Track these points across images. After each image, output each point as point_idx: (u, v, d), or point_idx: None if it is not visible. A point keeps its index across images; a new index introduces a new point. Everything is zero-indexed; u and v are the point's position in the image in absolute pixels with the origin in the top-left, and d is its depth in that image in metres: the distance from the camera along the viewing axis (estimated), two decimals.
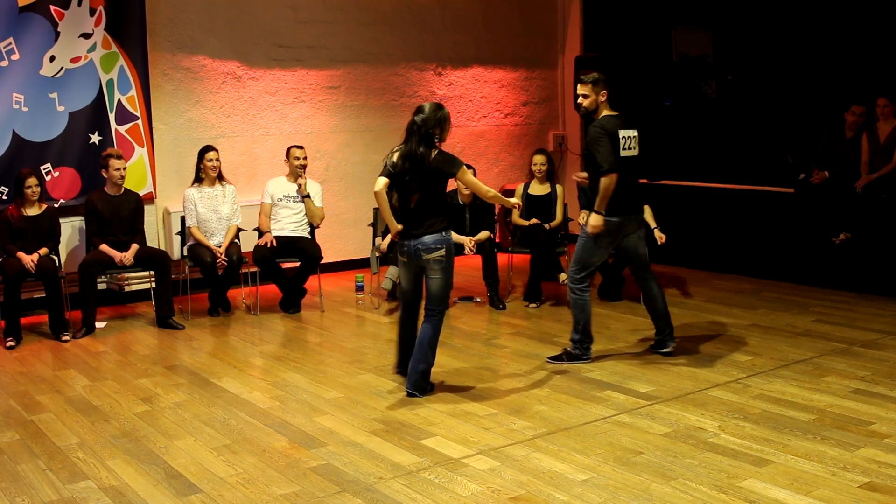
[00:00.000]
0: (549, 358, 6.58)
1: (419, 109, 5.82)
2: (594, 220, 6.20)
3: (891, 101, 8.49)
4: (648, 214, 7.92)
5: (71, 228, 8.44)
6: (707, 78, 10.77)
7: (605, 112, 6.30)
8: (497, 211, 8.98)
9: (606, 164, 6.11)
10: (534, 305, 8.39)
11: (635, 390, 5.91)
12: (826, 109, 9.15)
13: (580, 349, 6.51)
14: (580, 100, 6.36)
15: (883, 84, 8.69)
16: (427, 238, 5.74)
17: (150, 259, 7.99)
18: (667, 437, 5.07)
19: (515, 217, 8.63)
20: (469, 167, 6.18)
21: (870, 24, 8.91)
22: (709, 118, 10.45)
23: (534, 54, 11.75)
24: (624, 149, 6.21)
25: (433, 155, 5.76)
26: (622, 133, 6.21)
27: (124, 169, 7.97)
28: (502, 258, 8.79)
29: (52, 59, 8.28)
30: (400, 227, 5.79)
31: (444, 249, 5.75)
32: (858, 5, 9.00)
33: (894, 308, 7.89)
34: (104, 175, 7.96)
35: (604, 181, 6.11)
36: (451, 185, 8.24)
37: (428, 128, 5.76)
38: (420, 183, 5.73)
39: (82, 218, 8.13)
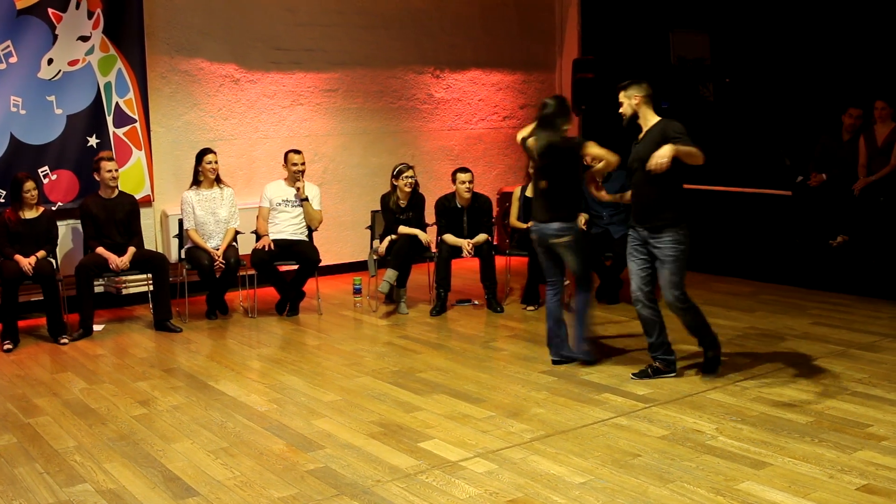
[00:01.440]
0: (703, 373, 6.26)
1: (544, 105, 6.38)
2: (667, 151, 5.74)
3: (888, 103, 8.52)
4: None
5: (68, 231, 8.43)
6: (705, 81, 10.78)
7: (652, 116, 6.04)
8: (494, 214, 8.99)
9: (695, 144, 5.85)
10: (531, 308, 8.39)
11: (633, 393, 5.91)
12: (823, 112, 9.17)
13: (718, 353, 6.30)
14: (620, 109, 6.11)
15: (880, 87, 8.71)
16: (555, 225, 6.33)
17: (148, 262, 7.98)
18: (664, 440, 5.07)
19: (513, 220, 8.63)
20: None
21: (867, 27, 8.93)
22: (707, 121, 10.45)
23: (531, 57, 11.76)
24: None
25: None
26: None
27: (116, 171, 7.95)
28: (500, 261, 8.79)
29: (50, 61, 8.28)
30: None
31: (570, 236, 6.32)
32: (855, 9, 9.01)
33: (892, 310, 7.90)
34: (97, 178, 7.96)
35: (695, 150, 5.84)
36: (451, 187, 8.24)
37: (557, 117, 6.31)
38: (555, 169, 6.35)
39: (79, 220, 8.13)
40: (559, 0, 11.86)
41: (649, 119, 6.05)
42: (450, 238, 8.36)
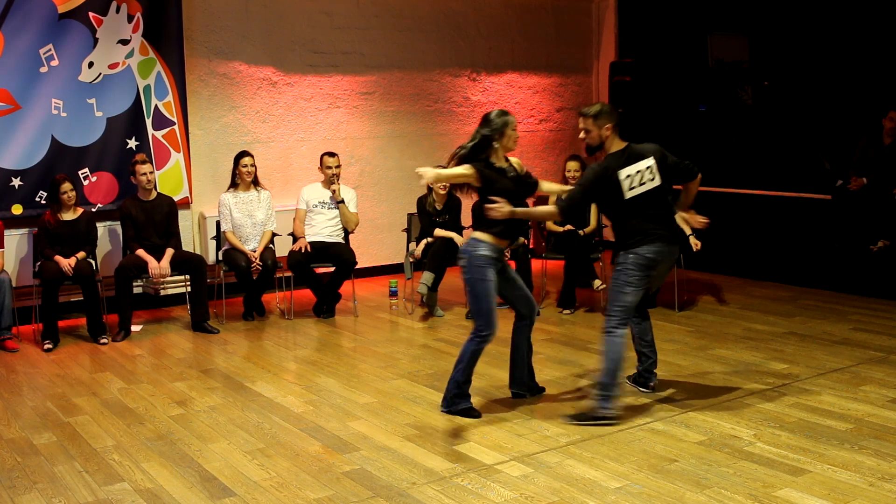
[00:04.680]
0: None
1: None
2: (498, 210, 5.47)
3: None
4: (682, 221, 7.66)
5: (107, 232, 8.51)
6: (743, 84, 10.70)
7: (615, 146, 5.61)
8: None
9: (564, 202, 5.57)
10: (567, 312, 8.36)
11: (670, 398, 5.87)
12: (864, 115, 9.06)
13: None
14: (582, 135, 5.72)
15: None
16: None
17: (186, 263, 8.04)
18: (701, 445, 5.03)
19: (549, 223, 8.61)
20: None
21: None
22: (745, 124, 10.38)
23: (568, 60, 11.73)
24: (630, 188, 5.49)
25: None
26: (625, 172, 5.50)
27: (152, 173, 8.02)
28: (536, 264, 8.77)
29: (91, 65, 8.37)
30: None
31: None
32: None
33: None
34: (133, 181, 8.04)
35: (549, 209, 5.79)
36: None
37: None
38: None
39: (118, 222, 8.21)
40: (596, 3, 11.82)
41: (614, 149, 5.63)
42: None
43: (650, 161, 5.56)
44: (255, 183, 8.45)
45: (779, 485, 4.47)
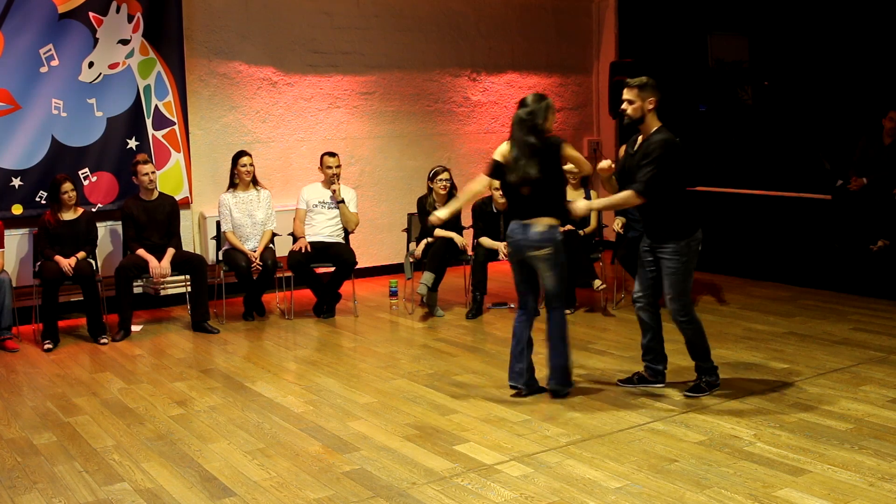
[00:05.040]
0: (686, 392, 5.90)
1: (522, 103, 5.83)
2: (582, 206, 5.84)
3: None
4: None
5: (108, 232, 8.52)
6: (743, 84, 10.71)
7: (655, 124, 5.65)
8: None
9: (643, 185, 5.55)
10: (568, 311, 8.35)
11: (670, 398, 5.87)
12: (864, 115, 9.07)
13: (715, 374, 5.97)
14: (624, 105, 5.70)
15: None
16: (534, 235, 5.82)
17: (186, 263, 8.04)
18: (701, 445, 5.03)
19: None
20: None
21: None
22: (745, 124, 10.38)
23: (568, 60, 11.73)
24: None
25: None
26: None
27: (153, 173, 8.01)
28: None
29: (91, 64, 8.37)
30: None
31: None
32: None
33: None
34: (135, 181, 8.04)
35: (627, 195, 5.63)
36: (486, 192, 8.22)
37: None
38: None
39: (119, 222, 8.21)
40: (596, 3, 11.83)
41: (652, 126, 5.67)
42: (486, 241, 8.35)
43: None
44: (255, 183, 8.45)
45: (779, 485, 4.48)
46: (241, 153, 8.41)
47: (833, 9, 9.43)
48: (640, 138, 5.75)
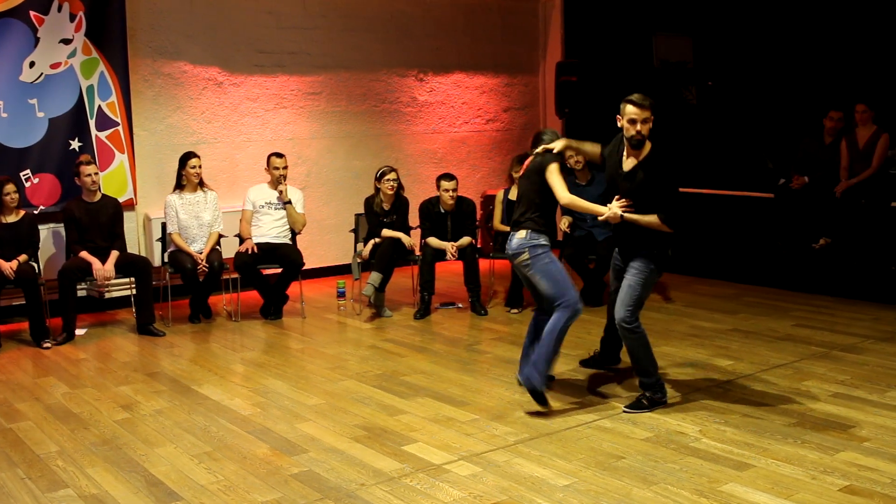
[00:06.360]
0: (625, 407, 5.68)
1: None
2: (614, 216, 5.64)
3: (869, 106, 8.55)
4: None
5: (51, 235, 8.39)
6: (687, 84, 10.81)
7: (649, 143, 5.62)
8: (478, 217, 9.00)
9: (668, 214, 5.55)
10: (515, 311, 8.40)
11: (616, 395, 5.92)
12: (805, 115, 9.21)
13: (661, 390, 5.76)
14: (640, 126, 5.52)
15: (861, 90, 8.75)
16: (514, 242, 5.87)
17: (131, 266, 7.95)
18: (648, 442, 5.08)
19: (497, 223, 8.64)
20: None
21: (847, 30, 8.97)
22: (689, 124, 10.49)
23: (515, 60, 11.77)
24: None
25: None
26: None
27: (96, 174, 7.91)
28: (484, 264, 8.79)
29: (32, 64, 8.24)
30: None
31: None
32: (835, 13, 9.06)
33: (873, 312, 7.94)
34: (78, 182, 7.93)
35: (656, 220, 5.55)
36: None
37: None
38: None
39: (62, 224, 8.09)
40: (542, 3, 11.89)
41: (647, 145, 5.62)
42: (434, 241, 8.36)
43: None
44: (202, 184, 8.38)
45: (724, 480, 4.53)
46: (190, 154, 8.32)
47: (775, 11, 9.57)
48: (627, 149, 5.65)
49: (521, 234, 5.74)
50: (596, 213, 5.73)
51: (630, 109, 5.54)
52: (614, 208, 5.58)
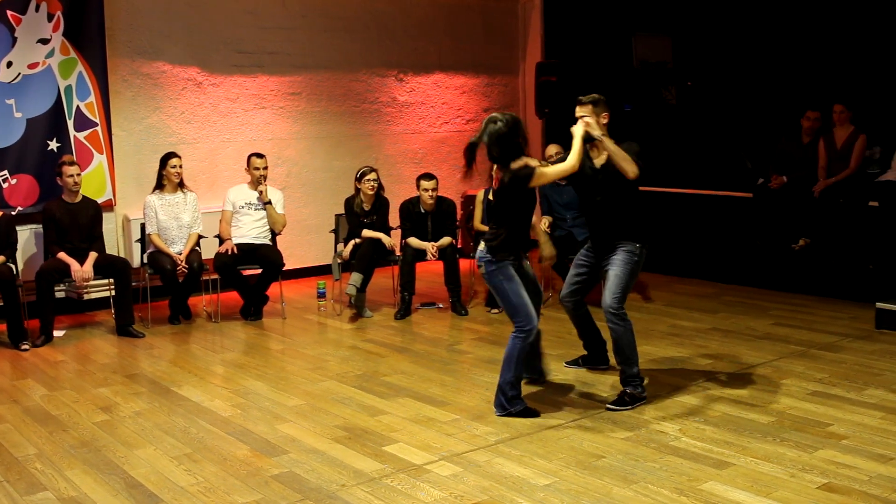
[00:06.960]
0: (609, 405, 5.69)
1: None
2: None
3: (846, 107, 8.61)
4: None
5: (30, 236, 8.34)
6: (667, 84, 10.86)
7: (608, 138, 5.79)
8: (459, 217, 9.00)
9: (636, 159, 5.80)
10: (496, 311, 8.40)
11: (597, 395, 5.94)
12: (783, 115, 9.27)
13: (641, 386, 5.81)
14: (590, 129, 5.76)
15: (838, 90, 8.81)
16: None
17: (110, 267, 7.91)
18: (628, 441, 5.09)
19: (477, 223, 8.64)
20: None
21: (825, 31, 9.03)
22: (669, 124, 10.53)
23: (495, 60, 11.79)
24: None
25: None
26: None
27: (78, 175, 7.87)
28: (464, 264, 8.79)
29: (10, 64, 8.19)
30: None
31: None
32: (813, 14, 9.12)
33: (852, 311, 7.99)
34: (59, 183, 7.88)
35: (633, 165, 5.75)
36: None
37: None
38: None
39: (40, 225, 8.04)
40: (522, 4, 11.91)
41: (606, 144, 5.77)
42: (414, 241, 8.36)
43: None
44: (182, 185, 8.35)
45: (704, 478, 4.55)
46: (171, 154, 8.29)
47: (753, 11, 9.62)
48: (599, 158, 5.93)
49: (481, 245, 5.66)
50: (578, 148, 5.67)
51: (577, 109, 5.85)
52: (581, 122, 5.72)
